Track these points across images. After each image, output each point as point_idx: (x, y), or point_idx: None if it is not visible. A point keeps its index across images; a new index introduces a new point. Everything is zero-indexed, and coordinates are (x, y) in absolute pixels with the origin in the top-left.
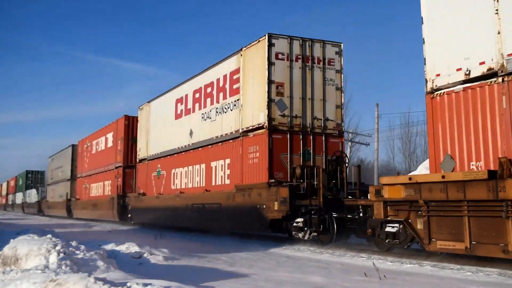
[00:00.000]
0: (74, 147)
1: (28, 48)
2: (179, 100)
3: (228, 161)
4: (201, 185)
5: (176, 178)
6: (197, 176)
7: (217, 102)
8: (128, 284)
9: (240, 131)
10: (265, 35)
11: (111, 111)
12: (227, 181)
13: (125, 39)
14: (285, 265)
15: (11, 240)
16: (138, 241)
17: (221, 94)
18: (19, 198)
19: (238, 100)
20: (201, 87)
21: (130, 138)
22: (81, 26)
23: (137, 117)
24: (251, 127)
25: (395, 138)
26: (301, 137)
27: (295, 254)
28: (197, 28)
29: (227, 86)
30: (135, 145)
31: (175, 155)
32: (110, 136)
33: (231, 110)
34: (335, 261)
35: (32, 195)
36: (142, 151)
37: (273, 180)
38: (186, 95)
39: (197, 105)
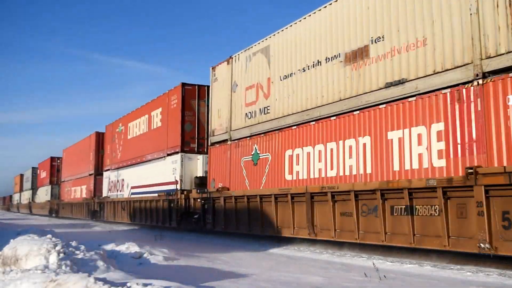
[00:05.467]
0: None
1: (34, 49)
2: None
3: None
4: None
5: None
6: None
7: None
8: (128, 284)
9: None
10: None
11: (114, 111)
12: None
13: (130, 39)
14: (285, 265)
15: (11, 240)
16: (138, 241)
17: None
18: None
19: None
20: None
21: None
22: (87, 26)
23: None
24: None
25: None
26: None
27: (295, 254)
28: (201, 28)
29: None
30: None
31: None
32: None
33: None
34: (335, 261)
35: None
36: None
37: None
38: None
39: None
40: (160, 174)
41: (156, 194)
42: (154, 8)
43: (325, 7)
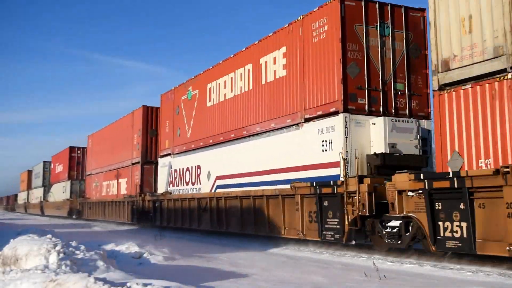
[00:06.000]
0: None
1: (34, 49)
2: None
3: None
4: None
5: None
6: None
7: None
8: (128, 284)
9: None
10: None
11: (114, 111)
12: None
13: (130, 39)
14: (285, 265)
15: (11, 240)
16: (138, 241)
17: None
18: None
19: None
20: None
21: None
22: (87, 26)
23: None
24: None
25: None
26: None
27: (295, 254)
28: (201, 28)
29: None
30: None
31: None
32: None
33: None
34: (335, 261)
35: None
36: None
37: None
38: None
39: None
40: (286, 153)
41: (285, 186)
42: (154, 8)
43: None
